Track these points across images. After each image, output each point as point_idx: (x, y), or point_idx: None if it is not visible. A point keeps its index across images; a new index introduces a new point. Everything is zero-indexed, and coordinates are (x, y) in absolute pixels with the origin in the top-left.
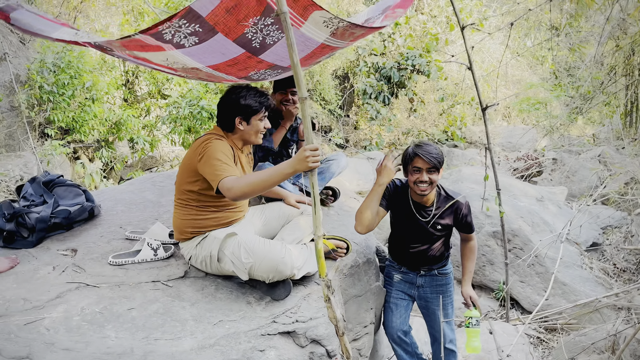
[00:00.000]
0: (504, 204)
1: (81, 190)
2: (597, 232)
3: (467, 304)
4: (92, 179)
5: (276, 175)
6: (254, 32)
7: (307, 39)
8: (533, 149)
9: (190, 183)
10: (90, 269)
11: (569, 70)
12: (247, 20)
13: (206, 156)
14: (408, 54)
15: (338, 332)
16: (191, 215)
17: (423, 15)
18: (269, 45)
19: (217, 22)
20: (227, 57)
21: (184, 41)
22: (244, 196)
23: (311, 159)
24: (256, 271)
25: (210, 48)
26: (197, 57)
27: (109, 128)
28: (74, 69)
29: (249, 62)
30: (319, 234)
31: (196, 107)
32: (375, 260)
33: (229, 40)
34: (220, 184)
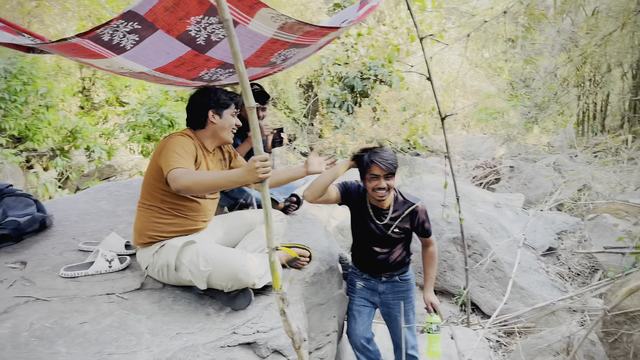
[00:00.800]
0: (464, 211)
1: (32, 200)
2: (552, 237)
3: (429, 310)
4: (46, 189)
5: (223, 180)
6: (198, 30)
7: (255, 35)
8: (491, 157)
9: (153, 179)
10: (41, 282)
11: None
12: (189, 17)
13: (165, 149)
14: (370, 64)
15: (294, 345)
16: (153, 218)
17: (385, 27)
18: (214, 42)
19: (157, 19)
20: (172, 57)
21: (124, 41)
22: (187, 190)
23: (261, 169)
24: (215, 280)
25: (153, 47)
26: (141, 60)
27: (64, 136)
28: (27, 74)
29: (197, 60)
30: (272, 246)
31: (155, 115)
32: (338, 268)
33: (171, 37)
34: (170, 172)
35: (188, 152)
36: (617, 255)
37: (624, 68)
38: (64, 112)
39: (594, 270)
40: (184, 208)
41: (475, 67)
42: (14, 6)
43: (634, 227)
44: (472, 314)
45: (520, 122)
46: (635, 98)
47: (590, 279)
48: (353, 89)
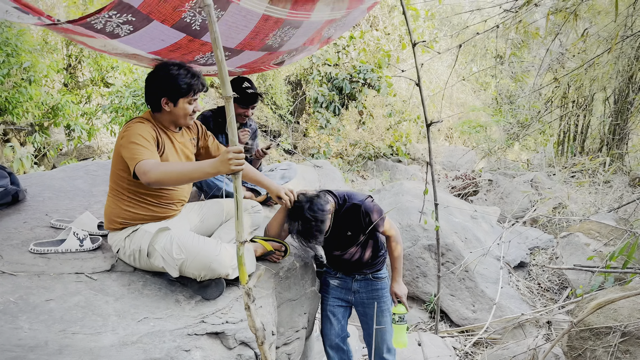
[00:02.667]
0: (440, 219)
1: (6, 173)
2: (524, 252)
3: (394, 301)
4: (22, 164)
5: (196, 171)
6: (192, 15)
7: (247, 12)
8: (471, 169)
9: (120, 170)
10: (9, 255)
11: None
12: (184, 5)
13: (125, 139)
14: (360, 68)
15: (257, 340)
16: (123, 205)
17: (377, 32)
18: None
19: (152, 11)
20: (167, 43)
21: (118, 30)
22: (158, 183)
23: (234, 161)
24: (187, 268)
25: (148, 35)
26: (136, 44)
27: (44, 112)
28: (11, 46)
29: (192, 45)
30: (241, 239)
31: (140, 98)
32: (312, 265)
33: (166, 27)
34: (137, 166)
35: (149, 139)
36: (586, 273)
37: (606, 92)
38: (47, 88)
39: (563, 287)
40: (154, 197)
41: (463, 80)
42: None
43: (604, 247)
44: (441, 321)
45: (502, 137)
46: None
47: (558, 295)
48: (341, 91)
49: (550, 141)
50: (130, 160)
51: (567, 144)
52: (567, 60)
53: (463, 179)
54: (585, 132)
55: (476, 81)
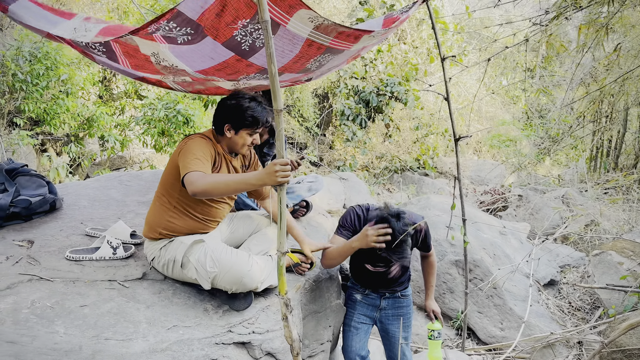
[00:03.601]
0: (468, 235)
1: (45, 182)
2: (555, 269)
3: (430, 317)
4: (58, 173)
5: (242, 182)
6: (243, 35)
7: (293, 36)
8: (500, 184)
9: (173, 179)
10: (46, 262)
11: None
12: (236, 22)
13: (184, 151)
14: (388, 81)
15: (293, 352)
16: (167, 215)
17: (405, 45)
18: (258, 47)
19: (207, 27)
20: (216, 62)
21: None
22: (204, 193)
23: (280, 173)
24: (220, 281)
25: (200, 51)
26: (186, 59)
27: (80, 123)
28: (51, 60)
29: (238, 65)
30: (282, 250)
31: (172, 111)
32: (337, 278)
33: (217, 44)
34: (187, 175)
35: (206, 155)
36: (619, 293)
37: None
38: (83, 100)
39: (595, 306)
40: (198, 211)
41: (492, 93)
42: None
43: (638, 266)
44: (468, 339)
45: (533, 152)
46: None
47: (590, 315)
48: (368, 104)
49: (582, 156)
50: (182, 169)
51: (600, 159)
52: (600, 74)
53: (492, 193)
54: (619, 148)
55: (506, 94)
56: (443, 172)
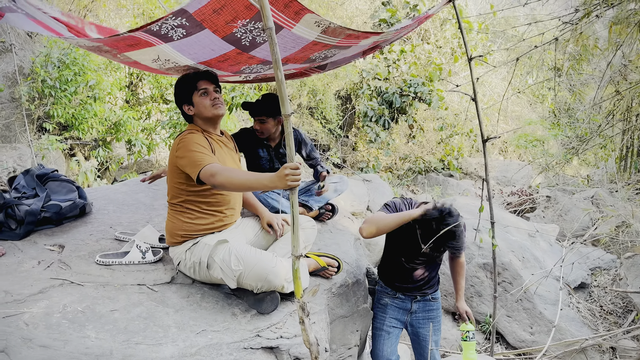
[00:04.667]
0: (496, 237)
1: (75, 187)
2: (585, 272)
3: (463, 318)
4: (86, 177)
5: (256, 182)
6: (243, 32)
7: (298, 38)
8: (527, 185)
9: (177, 182)
10: (76, 266)
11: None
12: (236, 22)
13: (181, 151)
14: (411, 81)
15: (312, 355)
16: (183, 218)
17: (429, 45)
18: (259, 43)
19: (204, 19)
20: (216, 53)
21: (171, 32)
22: (222, 186)
23: (291, 177)
24: (245, 279)
25: (199, 43)
26: (187, 52)
27: (108, 128)
28: (78, 66)
29: (240, 57)
30: (297, 253)
31: None
32: (364, 282)
33: (217, 37)
34: (204, 170)
35: (205, 146)
36: None
37: None
38: (110, 105)
39: (628, 310)
40: (210, 205)
41: (518, 92)
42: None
43: None
44: (497, 343)
45: (560, 152)
46: None
47: (623, 319)
48: (391, 105)
49: (611, 156)
50: (193, 167)
51: (630, 159)
52: (630, 72)
53: (519, 195)
54: None
55: (532, 93)
56: (468, 173)
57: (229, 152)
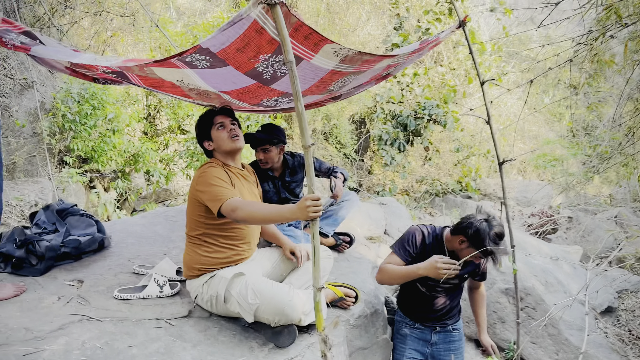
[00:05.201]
0: (518, 261)
1: (94, 221)
2: (612, 295)
3: (488, 352)
4: (105, 209)
5: (277, 215)
6: (265, 67)
7: (317, 68)
8: (548, 205)
9: (197, 215)
10: (95, 301)
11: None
12: (258, 57)
13: (201, 185)
14: (425, 104)
15: None
16: (200, 251)
17: (442, 67)
18: (279, 77)
19: (228, 58)
20: (238, 86)
21: (196, 62)
22: (244, 221)
23: (312, 209)
24: (262, 313)
25: (222, 76)
26: (210, 81)
27: (126, 159)
28: (97, 99)
29: (260, 91)
30: (318, 286)
31: None
32: (383, 312)
33: (239, 72)
34: (225, 204)
35: (224, 179)
36: None
37: None
38: (128, 137)
39: None
40: (228, 238)
41: (535, 111)
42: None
43: None
44: None
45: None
46: None
47: None
48: (406, 127)
49: (634, 174)
50: (214, 201)
51: None
52: None
53: (540, 216)
54: None
55: (549, 112)
56: (487, 194)
57: (249, 185)
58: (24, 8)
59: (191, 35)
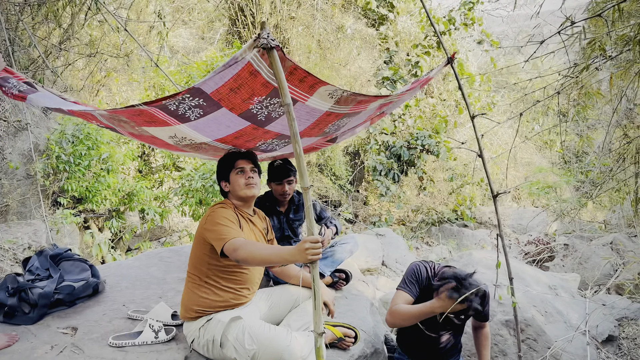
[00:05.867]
0: (516, 291)
1: (88, 266)
2: (612, 324)
3: None
4: (100, 249)
5: (276, 256)
6: (259, 109)
7: (312, 109)
8: (544, 232)
9: (202, 254)
10: (89, 349)
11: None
12: (252, 99)
13: (209, 223)
14: (418, 134)
15: None
16: (200, 292)
17: (432, 99)
18: (274, 118)
19: (221, 99)
20: (232, 130)
21: (189, 113)
22: (245, 261)
23: (311, 251)
24: (260, 359)
25: (216, 121)
26: (203, 130)
27: (121, 198)
28: (92, 140)
29: (255, 133)
30: (319, 331)
31: (209, 181)
32: (383, 350)
33: (233, 114)
34: (228, 244)
35: (232, 220)
36: None
37: None
38: (123, 175)
39: None
40: (229, 281)
41: (526, 139)
42: (84, 75)
43: None
44: None
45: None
46: None
47: None
48: (399, 158)
49: (626, 199)
50: (218, 240)
51: None
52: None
53: (536, 243)
54: None
55: (540, 139)
56: (483, 222)
57: (257, 232)
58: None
59: (185, 74)
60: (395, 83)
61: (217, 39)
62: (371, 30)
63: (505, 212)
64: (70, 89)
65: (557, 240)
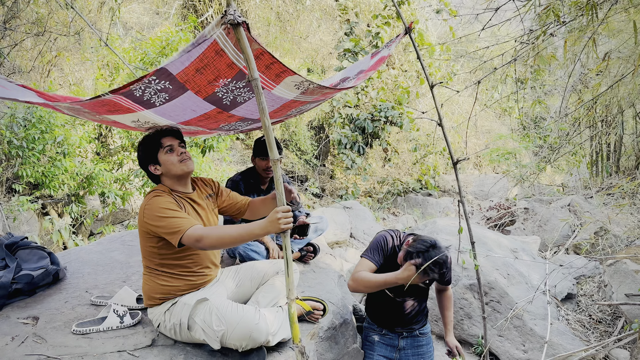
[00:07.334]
0: (479, 256)
1: (46, 253)
2: (571, 282)
3: (454, 353)
4: (61, 236)
5: (246, 234)
6: (225, 92)
7: (277, 98)
8: (505, 197)
9: (150, 246)
10: (52, 339)
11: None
12: (218, 81)
13: (151, 216)
14: (381, 106)
15: None
16: (159, 281)
17: (394, 70)
18: (239, 103)
19: (187, 80)
20: (197, 113)
21: (154, 98)
22: (213, 247)
23: (283, 220)
24: (229, 339)
25: (181, 105)
26: (168, 115)
27: (79, 182)
28: (45, 123)
29: (220, 116)
30: (292, 297)
31: None
32: (352, 321)
33: (199, 98)
34: (186, 235)
35: (174, 208)
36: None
37: (636, 109)
38: (80, 159)
39: (616, 317)
40: (185, 265)
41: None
42: (34, 55)
43: None
44: None
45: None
46: None
47: (612, 327)
48: (364, 131)
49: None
50: (173, 234)
51: (601, 163)
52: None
53: (498, 209)
54: (618, 150)
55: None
56: (446, 191)
57: (201, 210)
58: None
59: (140, 51)
60: (357, 55)
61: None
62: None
63: (467, 180)
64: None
65: (517, 204)
